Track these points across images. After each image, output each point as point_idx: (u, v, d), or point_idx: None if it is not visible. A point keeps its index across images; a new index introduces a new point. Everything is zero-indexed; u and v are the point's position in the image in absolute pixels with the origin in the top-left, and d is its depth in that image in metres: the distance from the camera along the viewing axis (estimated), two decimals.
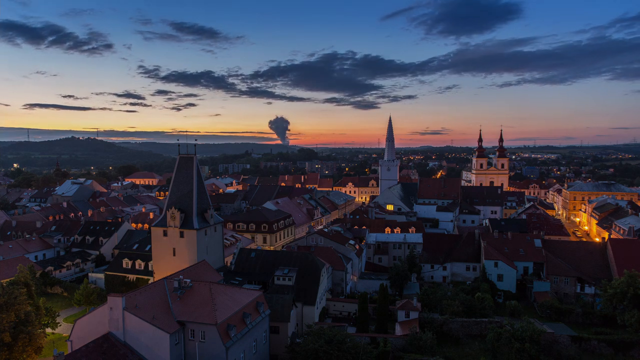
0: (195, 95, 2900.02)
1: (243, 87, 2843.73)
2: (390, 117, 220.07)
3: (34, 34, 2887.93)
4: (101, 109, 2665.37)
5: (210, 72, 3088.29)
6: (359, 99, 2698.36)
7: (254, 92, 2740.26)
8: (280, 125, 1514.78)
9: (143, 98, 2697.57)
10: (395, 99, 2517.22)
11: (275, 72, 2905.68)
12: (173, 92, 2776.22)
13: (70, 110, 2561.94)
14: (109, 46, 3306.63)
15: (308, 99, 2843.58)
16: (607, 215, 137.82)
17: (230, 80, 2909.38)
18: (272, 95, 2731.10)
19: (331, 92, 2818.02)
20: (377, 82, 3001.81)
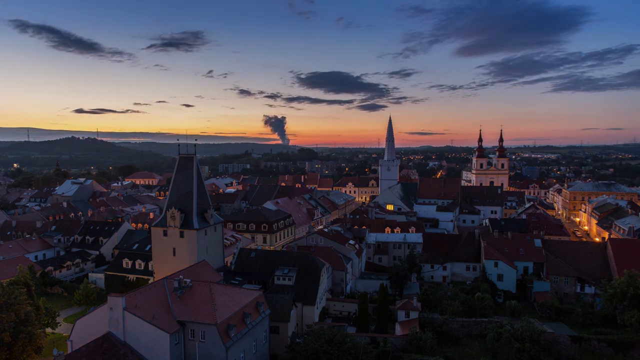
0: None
1: (258, 96, 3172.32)
2: (390, 117, 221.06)
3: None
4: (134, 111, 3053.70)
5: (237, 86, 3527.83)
6: (360, 103, 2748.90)
7: (268, 96, 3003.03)
8: (277, 124, 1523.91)
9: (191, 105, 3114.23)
10: (396, 99, 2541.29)
11: (282, 83, 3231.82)
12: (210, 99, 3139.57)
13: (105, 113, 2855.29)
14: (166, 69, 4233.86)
15: (310, 100, 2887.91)
16: (607, 215, 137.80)
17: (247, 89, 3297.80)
18: (276, 97, 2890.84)
19: (332, 93, 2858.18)
20: (378, 83, 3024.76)
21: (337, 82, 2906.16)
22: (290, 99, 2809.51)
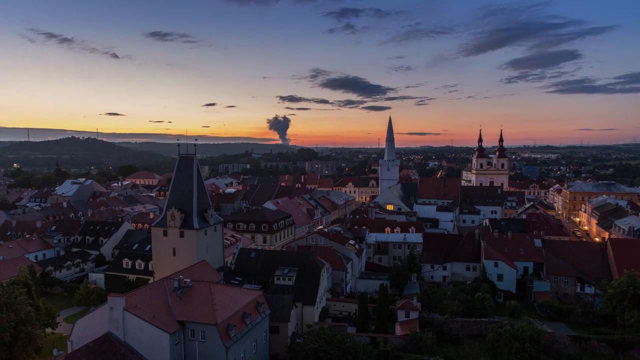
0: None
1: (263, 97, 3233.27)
2: (390, 118, 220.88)
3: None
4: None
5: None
6: (360, 104, 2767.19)
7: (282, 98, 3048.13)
8: (280, 124, 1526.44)
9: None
10: (396, 100, 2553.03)
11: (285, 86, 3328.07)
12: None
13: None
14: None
15: (311, 101, 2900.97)
16: (607, 215, 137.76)
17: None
18: (280, 99, 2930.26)
19: (333, 94, 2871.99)
20: (378, 85, 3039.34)
21: (339, 84, 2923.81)
22: (292, 99, 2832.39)
